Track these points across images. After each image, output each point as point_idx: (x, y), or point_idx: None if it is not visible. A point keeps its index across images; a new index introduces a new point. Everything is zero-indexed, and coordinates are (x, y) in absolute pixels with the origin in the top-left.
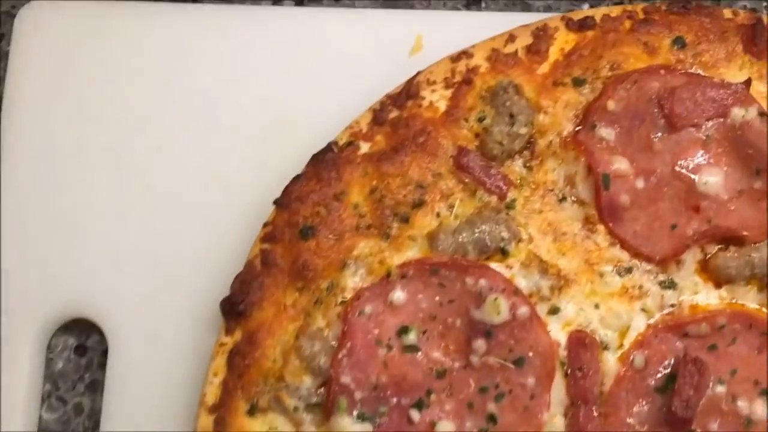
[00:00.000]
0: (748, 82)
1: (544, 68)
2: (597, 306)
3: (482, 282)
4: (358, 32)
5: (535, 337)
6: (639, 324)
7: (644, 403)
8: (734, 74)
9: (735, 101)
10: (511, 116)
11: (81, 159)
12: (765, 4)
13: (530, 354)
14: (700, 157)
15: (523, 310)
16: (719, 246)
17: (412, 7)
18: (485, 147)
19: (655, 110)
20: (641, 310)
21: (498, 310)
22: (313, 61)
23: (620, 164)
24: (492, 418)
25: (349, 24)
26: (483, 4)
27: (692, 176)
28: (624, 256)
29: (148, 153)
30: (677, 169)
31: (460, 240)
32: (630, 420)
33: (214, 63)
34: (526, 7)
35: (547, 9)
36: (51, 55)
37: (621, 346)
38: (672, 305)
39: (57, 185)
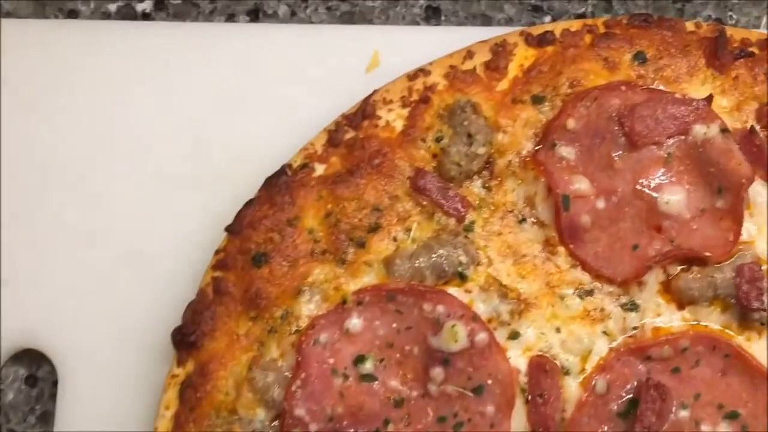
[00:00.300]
0: (709, 98)
1: (503, 85)
2: (558, 330)
3: (440, 308)
4: (313, 49)
5: (494, 364)
6: (601, 348)
7: (606, 428)
8: (697, 89)
9: (696, 118)
10: (469, 136)
11: (32, 189)
12: (730, 13)
13: (489, 381)
14: (661, 176)
15: (481, 337)
16: (681, 267)
17: (370, 22)
18: (443, 168)
19: (616, 128)
20: (603, 333)
21: (456, 337)
22: (268, 80)
23: (580, 184)
24: None
25: (304, 41)
26: (443, 18)
27: (654, 195)
28: (585, 278)
29: (99, 179)
30: (638, 188)
31: (417, 265)
32: None
33: (166, 81)
34: (487, 21)
35: (508, 22)
36: None
37: (583, 370)
38: (634, 328)
39: (8, 215)
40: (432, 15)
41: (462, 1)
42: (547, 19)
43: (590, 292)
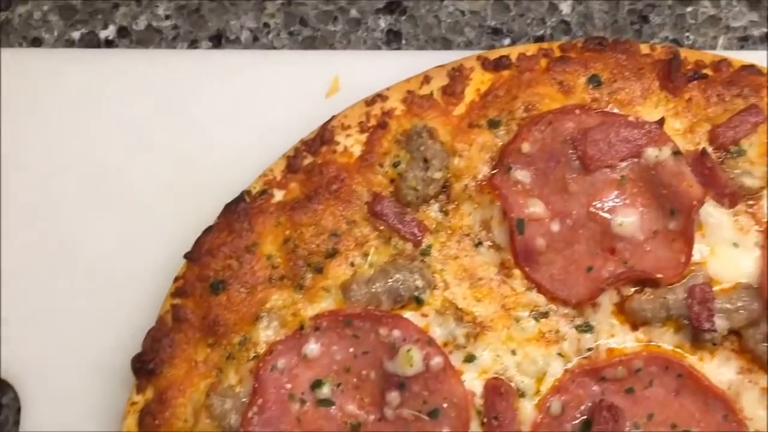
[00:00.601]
0: (661, 121)
1: (460, 109)
2: (514, 352)
3: (396, 333)
4: (274, 75)
5: (449, 388)
6: (556, 369)
7: None
8: (650, 112)
9: (649, 141)
10: (425, 161)
11: None
12: (687, 34)
13: (445, 405)
14: (615, 198)
15: (436, 361)
16: (635, 288)
17: (332, 46)
18: (400, 193)
19: (570, 151)
20: (558, 355)
21: (411, 361)
22: (229, 106)
23: (535, 207)
24: None
25: (265, 66)
26: (403, 42)
27: (608, 217)
28: (541, 300)
29: (60, 205)
30: (593, 210)
31: (373, 290)
32: None
33: (126, 108)
34: (447, 44)
35: (468, 45)
36: None
37: (538, 392)
38: (589, 349)
39: None
40: (393, 39)
41: (422, 25)
42: (507, 41)
43: (545, 314)
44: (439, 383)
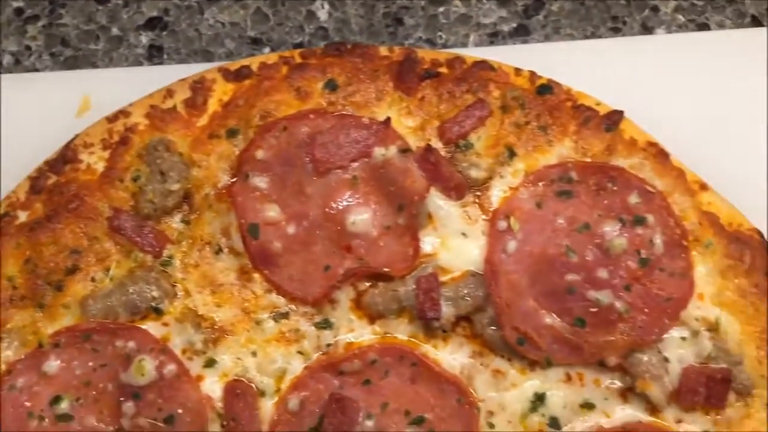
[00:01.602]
0: (387, 120)
1: (203, 121)
2: (254, 354)
3: (131, 344)
4: (29, 97)
5: (184, 394)
6: (296, 367)
7: None
8: (385, 112)
9: (376, 140)
10: (162, 174)
11: None
12: (440, 33)
13: (180, 411)
14: (349, 198)
15: (170, 369)
16: (370, 283)
17: (94, 65)
18: (139, 206)
19: (305, 155)
20: (298, 353)
21: (142, 371)
22: None
23: (271, 212)
24: None
25: (21, 89)
26: (165, 57)
27: (343, 217)
28: (281, 301)
29: None
30: (328, 211)
31: (109, 304)
32: None
33: None
34: (209, 56)
35: (229, 56)
36: None
37: (278, 390)
38: (329, 345)
39: None
40: (155, 54)
41: (183, 39)
42: (267, 50)
43: (285, 315)
44: (174, 390)
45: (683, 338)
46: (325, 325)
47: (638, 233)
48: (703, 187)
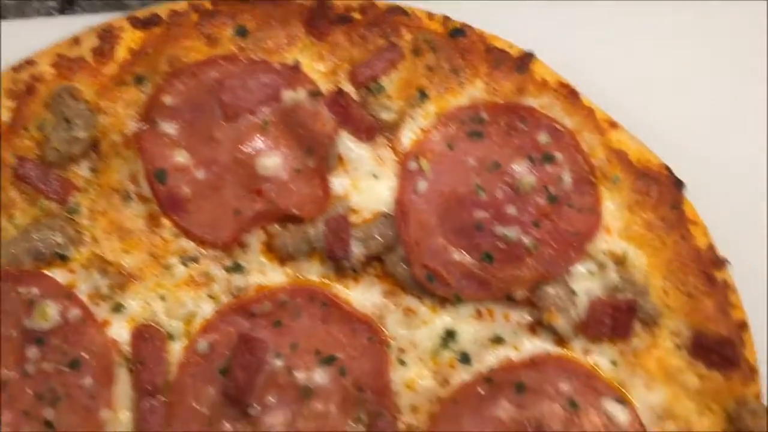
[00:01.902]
0: (296, 65)
1: (111, 69)
2: (163, 298)
3: (34, 290)
4: None
5: (89, 339)
6: (206, 311)
7: (211, 387)
8: (296, 57)
9: (285, 84)
10: (67, 121)
11: None
12: None
13: (85, 355)
14: (259, 142)
15: (74, 313)
16: (280, 226)
17: (4, 18)
18: (44, 154)
19: (214, 101)
20: (208, 296)
21: (45, 316)
22: None
23: (179, 157)
24: (49, 424)
25: None
26: (77, 9)
27: (253, 161)
28: (190, 246)
29: None
30: (238, 156)
31: (13, 251)
32: (196, 405)
33: None
34: (122, 7)
35: (144, 4)
36: None
37: (188, 334)
38: (239, 288)
39: None
40: (68, 6)
41: None
42: None
43: (195, 259)
44: (79, 335)
45: (590, 272)
46: (236, 268)
47: (547, 171)
48: (613, 125)
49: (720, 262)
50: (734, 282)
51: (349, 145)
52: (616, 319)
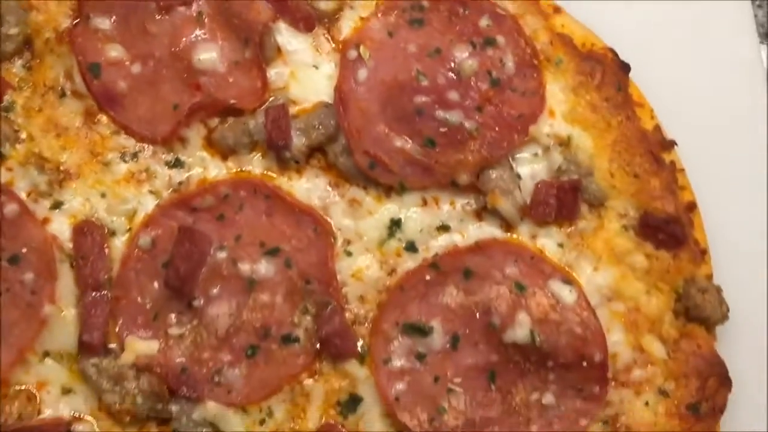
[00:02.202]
0: None
1: None
2: (103, 195)
3: None
4: None
5: (27, 233)
6: (148, 206)
7: (155, 281)
8: None
9: None
10: None
11: None
12: None
13: (24, 250)
14: (195, 35)
15: (11, 208)
16: (220, 119)
17: None
18: None
19: None
20: (150, 192)
21: None
22: None
23: (114, 52)
24: None
25: None
26: None
27: (189, 54)
28: (129, 142)
29: None
30: (175, 50)
31: None
32: (140, 299)
33: None
34: None
35: None
36: None
37: (130, 230)
38: (180, 183)
39: None
40: None
41: None
42: None
43: (135, 155)
44: (17, 230)
45: (535, 154)
46: (177, 163)
47: (489, 55)
48: (557, 10)
49: (667, 144)
50: (682, 163)
51: (286, 36)
52: (561, 199)
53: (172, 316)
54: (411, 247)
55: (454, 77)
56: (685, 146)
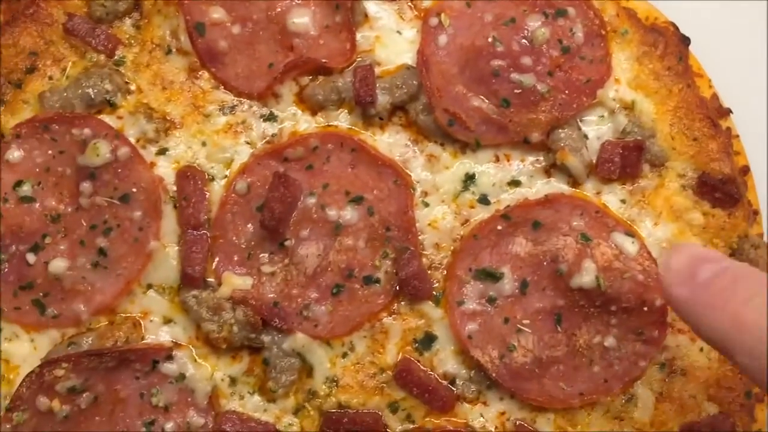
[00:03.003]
0: None
1: None
2: (204, 144)
3: (86, 131)
4: None
5: (137, 175)
6: (244, 156)
7: (249, 223)
8: None
9: None
10: None
11: None
12: None
13: (134, 190)
14: (291, 0)
15: (124, 151)
16: (311, 77)
17: None
18: (91, 11)
19: None
20: (246, 142)
21: (97, 152)
22: None
23: (216, 14)
24: (102, 251)
25: None
26: None
27: (284, 18)
28: (228, 96)
29: None
30: (271, 13)
31: (65, 95)
32: (236, 239)
33: None
34: None
35: None
36: None
37: (227, 176)
38: (273, 135)
39: None
40: None
41: None
42: None
43: (233, 109)
44: (128, 171)
45: (601, 117)
46: (270, 117)
47: (560, 25)
48: None
49: (724, 111)
50: (737, 130)
51: (374, 3)
52: (625, 158)
53: (265, 255)
54: (484, 200)
55: (528, 44)
56: (740, 115)
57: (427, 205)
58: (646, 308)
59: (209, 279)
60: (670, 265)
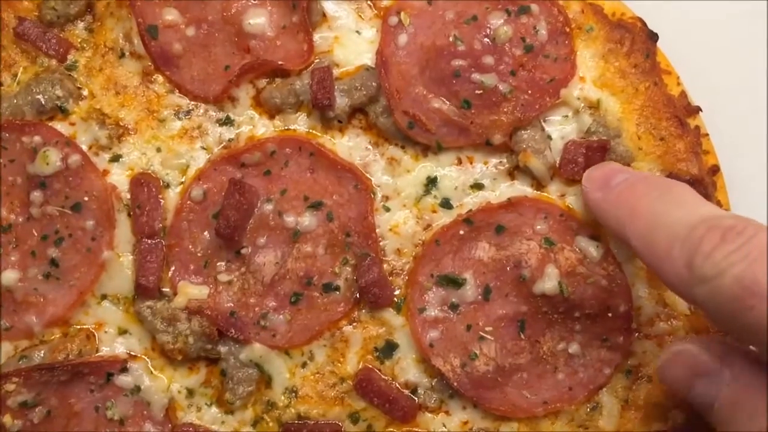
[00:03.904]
0: None
1: None
2: (159, 149)
3: (36, 138)
4: None
5: (89, 183)
6: (200, 161)
7: (206, 231)
8: None
9: None
10: None
11: None
12: None
13: (86, 199)
14: (246, 1)
15: (74, 159)
16: (268, 80)
17: None
18: (42, 14)
19: None
20: (202, 148)
21: (47, 160)
22: None
23: (169, 15)
24: (54, 262)
25: None
26: None
27: (240, 19)
28: (183, 101)
29: None
30: (226, 14)
31: (15, 102)
32: (192, 247)
33: None
34: None
35: None
36: None
37: (183, 183)
38: (230, 139)
39: None
40: None
41: None
42: None
43: (188, 113)
44: (79, 179)
45: (565, 116)
46: (227, 121)
47: (523, 22)
48: None
49: (692, 109)
50: (706, 129)
51: (331, 2)
52: (589, 158)
53: (222, 263)
54: (446, 204)
55: (490, 43)
56: (710, 113)
57: (388, 209)
58: (610, 314)
59: (164, 289)
60: (591, 176)
